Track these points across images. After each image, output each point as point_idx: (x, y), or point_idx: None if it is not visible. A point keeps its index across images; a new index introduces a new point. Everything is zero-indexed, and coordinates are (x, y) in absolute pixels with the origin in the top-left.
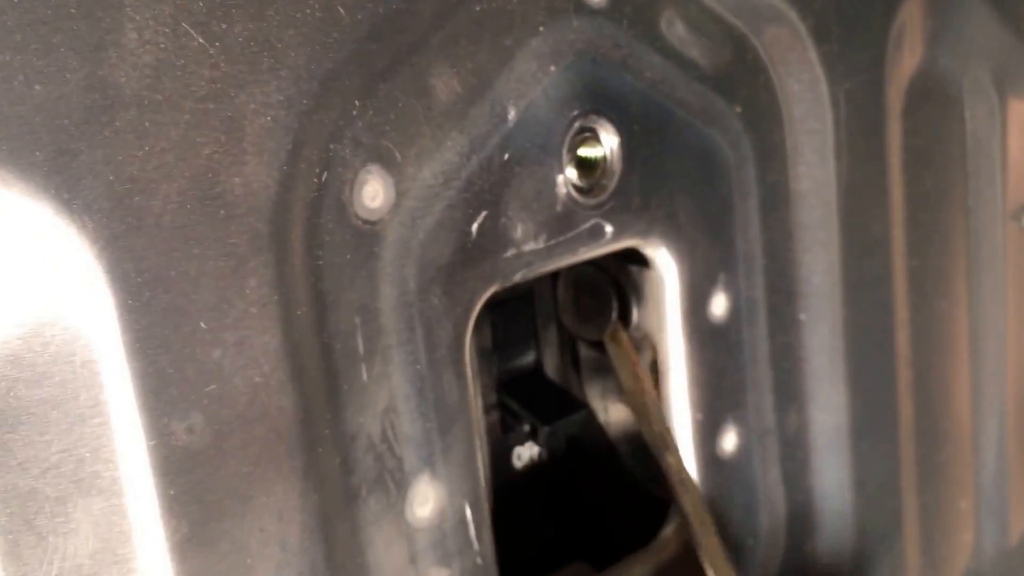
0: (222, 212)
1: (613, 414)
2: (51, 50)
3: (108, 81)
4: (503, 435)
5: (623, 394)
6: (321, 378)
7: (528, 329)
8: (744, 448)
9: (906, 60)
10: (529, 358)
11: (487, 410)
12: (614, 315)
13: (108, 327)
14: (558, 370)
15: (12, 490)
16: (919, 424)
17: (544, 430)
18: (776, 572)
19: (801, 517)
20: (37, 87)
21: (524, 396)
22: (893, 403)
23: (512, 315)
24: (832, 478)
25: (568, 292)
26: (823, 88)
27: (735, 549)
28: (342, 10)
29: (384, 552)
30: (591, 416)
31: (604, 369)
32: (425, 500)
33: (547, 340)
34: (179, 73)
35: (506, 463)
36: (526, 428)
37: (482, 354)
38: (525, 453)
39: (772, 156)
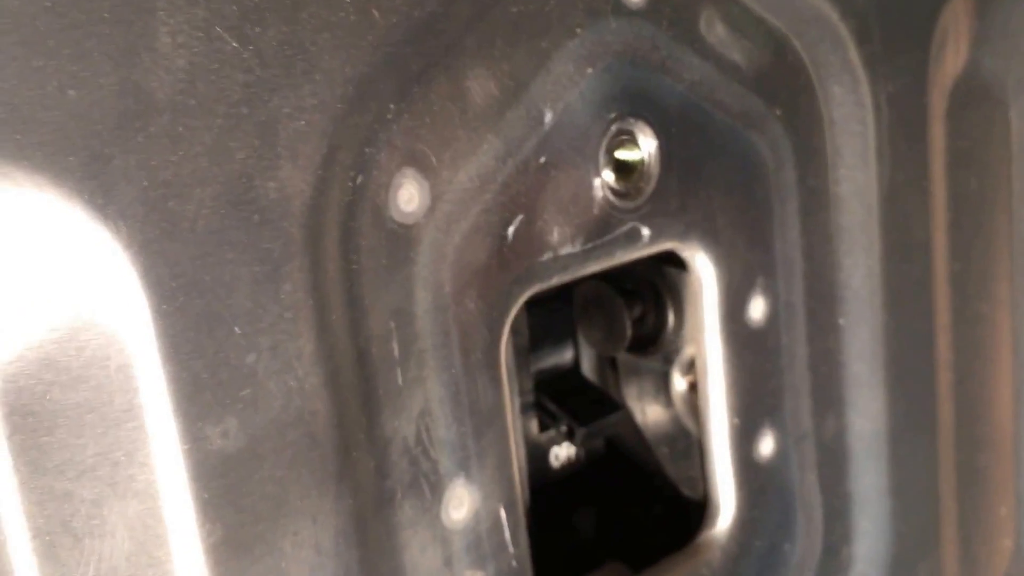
0: (256, 217)
1: (651, 415)
2: (84, 55)
3: (141, 86)
4: (540, 435)
5: (659, 397)
6: (356, 382)
7: (566, 329)
8: (781, 453)
9: (950, 62)
10: (567, 358)
11: (524, 410)
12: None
13: (143, 331)
14: (596, 370)
15: (48, 492)
16: (959, 429)
17: (581, 431)
18: None
19: (838, 522)
20: (71, 92)
21: (561, 396)
22: (933, 408)
23: (550, 315)
24: (870, 483)
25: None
26: (865, 90)
27: (771, 553)
28: (376, 13)
29: (419, 555)
30: (628, 417)
31: (641, 371)
32: (460, 503)
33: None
34: (213, 77)
35: (543, 463)
36: (563, 428)
37: (519, 354)
38: (562, 453)
39: (812, 159)
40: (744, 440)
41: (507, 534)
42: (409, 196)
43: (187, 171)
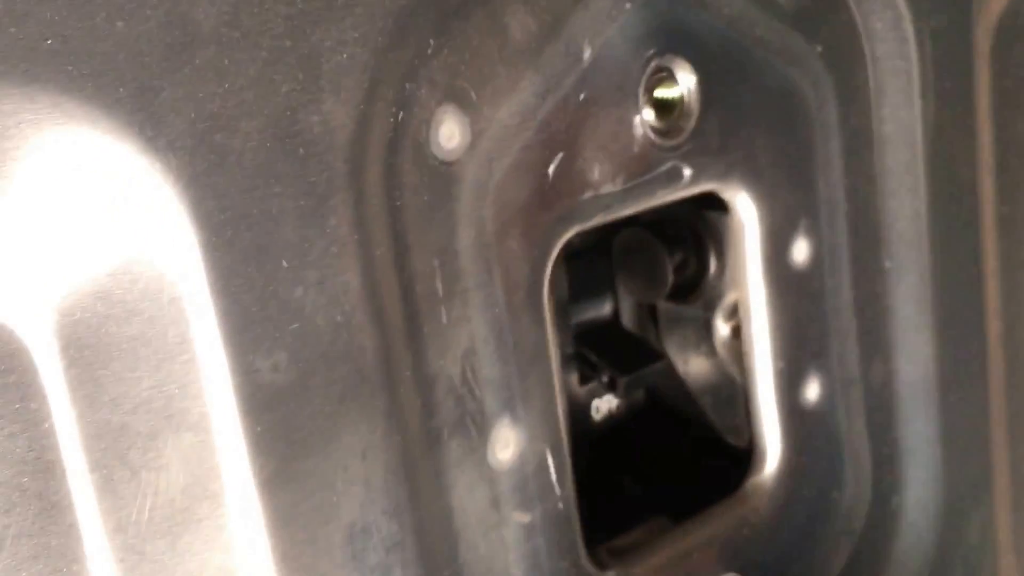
0: (301, 150)
1: (693, 364)
2: None
3: (188, 17)
4: (581, 388)
5: (701, 345)
6: (401, 319)
7: (605, 280)
8: (827, 398)
9: None
10: (606, 309)
11: (565, 362)
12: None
13: (193, 265)
14: (635, 320)
15: (105, 426)
16: (1010, 376)
17: (623, 380)
18: (862, 526)
19: (887, 470)
20: (119, 23)
21: (602, 347)
22: (983, 354)
23: (588, 266)
24: (919, 431)
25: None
26: (907, 26)
27: (819, 501)
28: None
29: (467, 495)
30: (670, 366)
31: (682, 319)
32: (506, 444)
33: (624, 290)
34: (256, 10)
35: (585, 416)
36: (604, 379)
37: (559, 305)
38: (604, 406)
39: (855, 97)
40: (790, 385)
41: (553, 476)
42: (450, 133)
43: (233, 104)
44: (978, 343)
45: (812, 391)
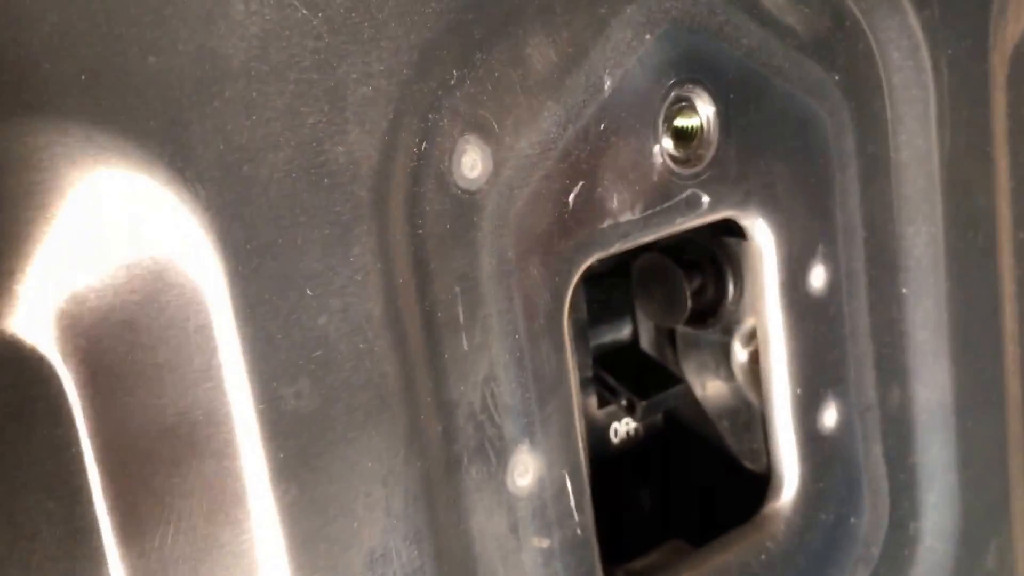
0: (326, 180)
1: (711, 388)
2: (163, 22)
3: (217, 52)
4: (600, 411)
5: (719, 369)
6: (423, 346)
7: (624, 303)
8: (845, 424)
9: (1011, 26)
10: (625, 332)
11: (584, 386)
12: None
13: (219, 293)
14: (654, 344)
15: (130, 452)
16: None
17: (641, 404)
18: (879, 552)
19: (905, 496)
20: (151, 59)
21: (621, 371)
22: (1000, 380)
23: (608, 290)
24: (936, 456)
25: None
26: (924, 55)
27: (837, 526)
28: None
29: (486, 520)
30: (688, 390)
31: (700, 344)
32: (525, 470)
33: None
34: (284, 44)
35: (603, 438)
36: (623, 402)
37: (578, 329)
38: (622, 429)
39: (872, 125)
40: (807, 411)
41: (572, 501)
42: (472, 162)
43: (260, 135)
44: (995, 368)
45: (830, 417)
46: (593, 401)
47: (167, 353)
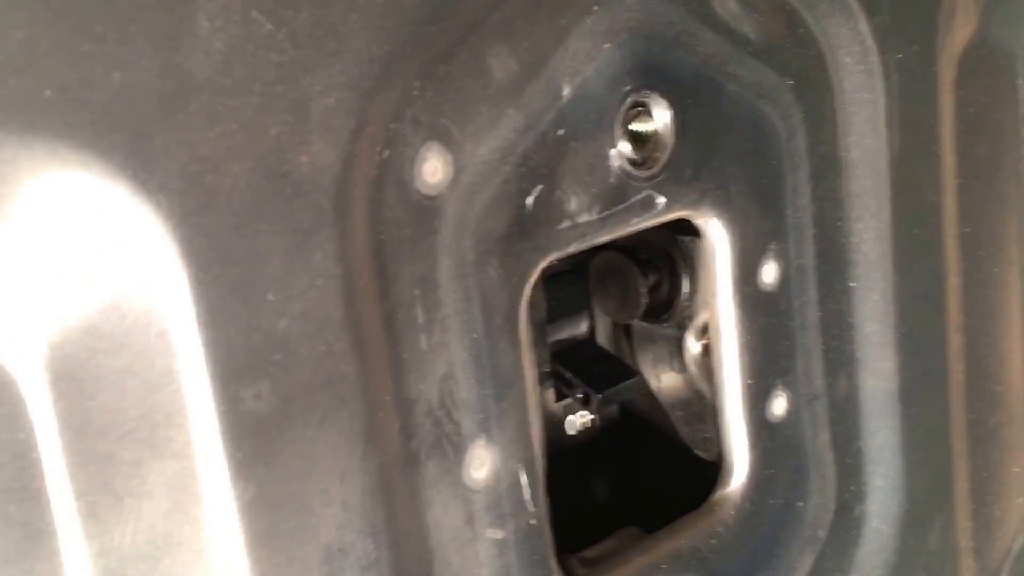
0: (288, 189)
1: (665, 380)
2: (128, 39)
3: (182, 67)
4: (557, 404)
5: (673, 362)
6: (382, 347)
7: (580, 299)
8: (794, 413)
9: (958, 30)
10: (581, 327)
11: (541, 380)
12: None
13: (181, 299)
14: (610, 339)
15: (91, 455)
16: (970, 389)
17: (597, 398)
18: (826, 534)
19: (851, 480)
20: (115, 74)
21: (577, 365)
22: (944, 368)
23: (564, 285)
24: (882, 442)
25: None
26: (874, 60)
27: (785, 511)
28: None
29: (442, 513)
30: (643, 383)
31: (655, 338)
32: (481, 464)
33: (599, 310)
34: (248, 58)
35: (560, 431)
36: (579, 396)
37: (536, 325)
38: (578, 421)
39: (823, 127)
40: (757, 401)
41: (526, 494)
42: (433, 169)
43: (224, 147)
44: (939, 357)
45: (779, 406)
46: (551, 395)
47: (128, 358)
